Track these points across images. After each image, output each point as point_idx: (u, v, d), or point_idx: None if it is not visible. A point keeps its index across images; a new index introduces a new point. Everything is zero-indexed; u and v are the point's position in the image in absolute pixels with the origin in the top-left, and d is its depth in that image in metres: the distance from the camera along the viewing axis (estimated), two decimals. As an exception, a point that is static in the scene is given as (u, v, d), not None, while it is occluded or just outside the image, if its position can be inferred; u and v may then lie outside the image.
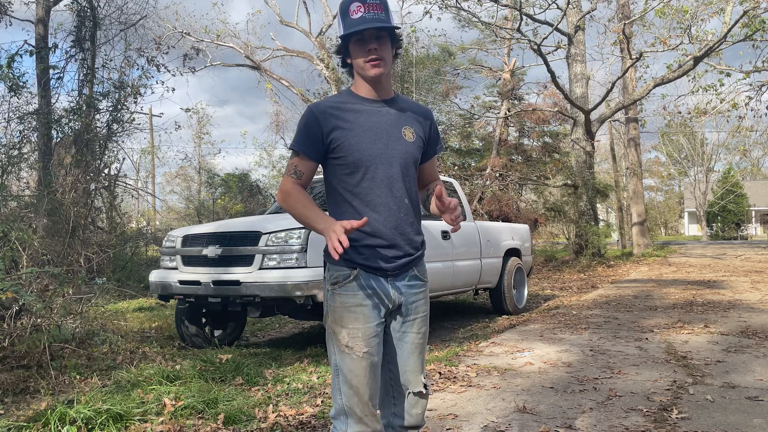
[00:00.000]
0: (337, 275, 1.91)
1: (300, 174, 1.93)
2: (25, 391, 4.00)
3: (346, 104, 1.94)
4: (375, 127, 1.92)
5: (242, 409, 3.49)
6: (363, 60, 1.88)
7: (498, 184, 17.49)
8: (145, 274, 9.88)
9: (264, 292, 4.77)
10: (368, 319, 1.88)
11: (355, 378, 1.85)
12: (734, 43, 14.00)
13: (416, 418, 2.01)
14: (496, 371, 4.47)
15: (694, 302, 8.06)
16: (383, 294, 1.91)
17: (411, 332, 1.98)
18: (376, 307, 1.90)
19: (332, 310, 1.91)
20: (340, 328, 1.88)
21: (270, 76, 21.60)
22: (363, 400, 1.86)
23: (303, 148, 1.92)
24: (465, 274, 6.77)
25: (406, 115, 2.01)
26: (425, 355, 2.05)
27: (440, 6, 14.90)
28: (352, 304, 1.88)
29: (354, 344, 1.85)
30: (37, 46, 10.76)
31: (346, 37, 1.88)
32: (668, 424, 3.20)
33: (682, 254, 21.23)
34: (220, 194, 17.90)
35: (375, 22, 1.84)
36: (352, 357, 1.85)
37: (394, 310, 1.96)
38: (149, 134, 26.13)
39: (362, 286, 1.89)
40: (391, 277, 1.93)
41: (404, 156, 1.95)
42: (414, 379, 1.99)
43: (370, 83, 1.94)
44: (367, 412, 1.86)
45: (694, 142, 46.46)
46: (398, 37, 1.94)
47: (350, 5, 1.86)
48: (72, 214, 8.97)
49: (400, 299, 1.95)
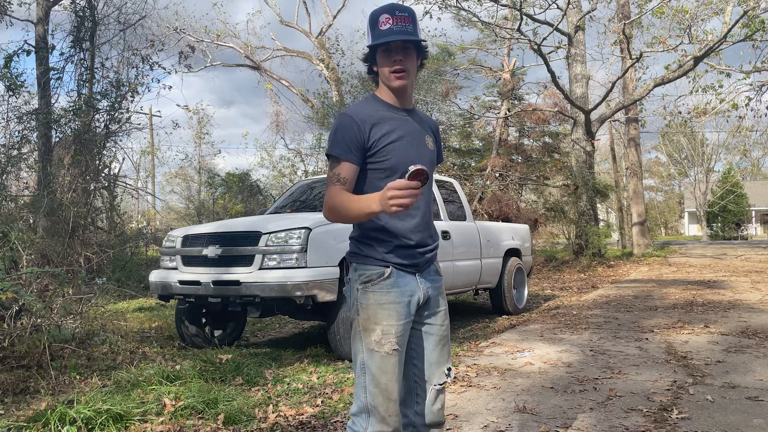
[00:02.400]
0: (369, 274, 1.96)
1: (344, 180, 1.93)
2: (25, 391, 4.00)
3: (379, 111, 2.00)
4: (408, 135, 2.01)
5: (242, 409, 3.49)
6: (388, 70, 1.95)
7: (498, 184, 17.49)
8: (145, 274, 9.88)
9: (264, 292, 4.76)
10: (401, 316, 1.94)
11: (384, 376, 1.90)
12: (734, 43, 14.00)
13: (437, 414, 2.05)
14: (496, 371, 4.47)
15: (695, 302, 8.06)
16: (414, 290, 1.99)
17: (436, 325, 2.05)
18: (408, 304, 1.97)
19: (364, 308, 1.95)
20: (373, 326, 1.92)
21: (270, 76, 21.61)
22: (391, 398, 1.90)
23: (346, 155, 1.93)
24: (465, 274, 6.76)
25: (425, 126, 2.12)
26: (450, 349, 2.11)
27: (440, 6, 14.89)
28: (386, 301, 1.93)
29: (386, 341, 1.91)
30: (37, 46, 10.76)
31: (374, 47, 1.95)
32: (668, 424, 3.19)
33: (682, 254, 21.23)
34: (220, 194, 17.89)
35: (402, 34, 1.91)
36: (381, 354, 1.90)
37: (421, 306, 2.03)
38: (149, 134, 26.16)
39: (396, 283, 1.96)
40: (419, 273, 2.01)
41: (430, 162, 2.07)
42: (437, 371, 2.04)
43: (394, 92, 2.01)
44: (391, 412, 1.90)
45: (694, 142, 46.47)
46: (424, 48, 2.01)
47: (380, 16, 1.93)
48: (72, 214, 8.97)
49: (427, 293, 2.03)
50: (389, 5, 1.96)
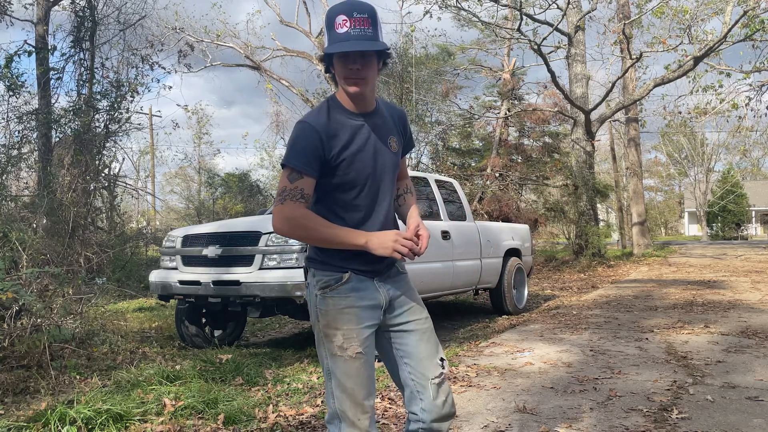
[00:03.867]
0: (327, 279, 1.91)
1: (307, 197, 1.83)
2: (25, 391, 4.00)
3: (338, 120, 1.89)
4: (368, 144, 1.91)
5: (242, 409, 3.49)
6: (344, 77, 1.83)
7: (498, 184, 17.49)
8: (145, 274, 9.88)
9: (264, 292, 4.76)
10: (361, 320, 1.90)
11: (349, 380, 1.87)
12: (734, 43, 14.00)
13: (443, 407, 1.99)
14: (496, 371, 4.47)
15: (695, 302, 8.06)
16: (374, 294, 1.94)
17: (411, 320, 2.00)
18: (369, 308, 1.92)
19: (323, 314, 1.91)
20: (334, 331, 1.88)
21: (270, 76, 21.60)
22: (357, 401, 1.87)
23: (307, 169, 1.83)
24: (465, 274, 6.76)
25: (389, 125, 2.01)
26: (437, 339, 2.06)
27: (440, 6, 14.89)
28: (345, 305, 1.89)
29: (348, 345, 1.87)
30: (37, 46, 10.76)
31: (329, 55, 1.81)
32: (668, 424, 3.19)
33: (682, 254, 21.22)
34: (220, 194, 17.90)
35: (360, 40, 1.76)
36: (344, 358, 1.87)
37: (388, 308, 1.98)
38: (149, 134, 26.16)
39: (354, 288, 1.91)
40: (377, 277, 1.96)
41: (392, 168, 1.99)
42: (430, 365, 1.98)
43: (351, 98, 1.89)
44: (360, 415, 1.87)
45: (694, 142, 46.47)
46: (386, 51, 1.85)
47: (336, 18, 1.77)
48: (72, 214, 8.97)
49: (388, 295, 1.97)
50: (347, 3, 1.79)
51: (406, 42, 18.60)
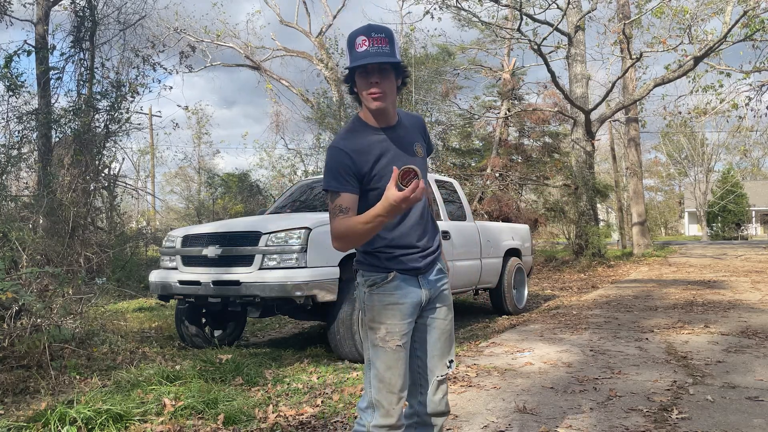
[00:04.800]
0: (374, 278, 2.08)
1: (346, 209, 1.98)
2: (25, 391, 4.00)
3: (365, 137, 2.05)
4: (397, 154, 2.07)
5: (242, 409, 3.49)
6: (366, 92, 1.99)
7: (498, 184, 17.49)
8: (145, 274, 9.88)
9: (264, 292, 4.76)
10: (404, 316, 2.06)
11: (389, 371, 2.02)
12: (734, 43, 13.99)
13: (439, 404, 2.15)
14: (496, 371, 4.47)
15: (695, 302, 8.06)
16: (417, 291, 2.10)
17: (438, 318, 2.16)
18: (411, 305, 2.08)
19: (369, 309, 2.08)
20: (378, 325, 2.05)
21: (270, 76, 21.60)
22: (394, 391, 2.02)
23: (343, 186, 1.98)
24: (465, 274, 6.76)
25: (413, 132, 2.17)
26: (453, 342, 2.21)
27: (440, 6, 14.89)
28: (389, 302, 2.06)
29: (390, 338, 2.03)
30: (37, 46, 10.75)
31: (352, 70, 1.99)
32: (668, 424, 3.19)
33: (682, 254, 21.22)
34: (220, 194, 17.89)
35: (378, 56, 1.93)
36: (386, 350, 2.03)
37: (425, 305, 2.14)
38: (149, 134, 26.17)
39: (398, 286, 2.07)
40: (421, 275, 2.12)
41: (423, 172, 2.10)
42: (439, 363, 2.15)
43: (373, 114, 2.04)
44: (394, 405, 2.02)
45: (694, 142, 46.46)
46: (403, 68, 2.03)
47: (356, 38, 1.96)
48: (72, 214, 8.97)
49: (429, 294, 2.13)
50: (365, 27, 1.99)
51: (406, 42, 18.60)
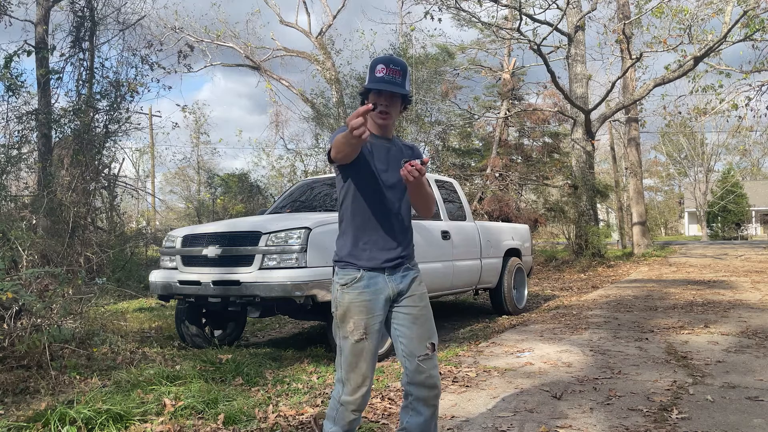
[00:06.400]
0: (346, 278, 2.39)
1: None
2: (25, 391, 3.99)
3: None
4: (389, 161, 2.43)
5: (242, 409, 3.49)
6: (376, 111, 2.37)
7: (498, 184, 17.49)
8: (145, 274, 9.87)
9: (264, 292, 4.76)
10: (369, 311, 2.37)
11: (354, 357, 2.36)
12: (734, 43, 13.99)
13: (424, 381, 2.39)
14: (496, 371, 4.47)
15: (695, 302, 8.06)
16: (384, 289, 2.40)
17: (409, 306, 2.44)
18: (378, 301, 2.38)
19: (340, 305, 2.39)
20: (348, 319, 2.37)
21: (270, 76, 21.60)
22: (359, 373, 2.35)
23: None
24: (465, 274, 6.76)
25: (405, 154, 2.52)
26: (432, 326, 2.46)
27: (440, 6, 14.88)
28: (358, 300, 2.36)
29: (356, 332, 2.35)
30: (37, 47, 10.75)
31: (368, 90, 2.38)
32: (668, 424, 3.20)
33: (682, 254, 21.22)
34: (219, 194, 17.89)
35: (391, 85, 2.32)
36: (351, 341, 2.35)
37: (396, 298, 2.43)
38: (149, 134, 26.16)
39: (366, 285, 2.38)
40: (388, 273, 2.42)
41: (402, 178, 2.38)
42: (419, 346, 2.41)
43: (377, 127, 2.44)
44: (359, 383, 2.36)
45: (694, 142, 46.44)
46: (408, 97, 2.45)
47: (377, 65, 2.35)
48: (72, 214, 8.97)
49: (397, 288, 2.42)
50: (387, 57, 2.39)
51: (405, 42, 18.59)
